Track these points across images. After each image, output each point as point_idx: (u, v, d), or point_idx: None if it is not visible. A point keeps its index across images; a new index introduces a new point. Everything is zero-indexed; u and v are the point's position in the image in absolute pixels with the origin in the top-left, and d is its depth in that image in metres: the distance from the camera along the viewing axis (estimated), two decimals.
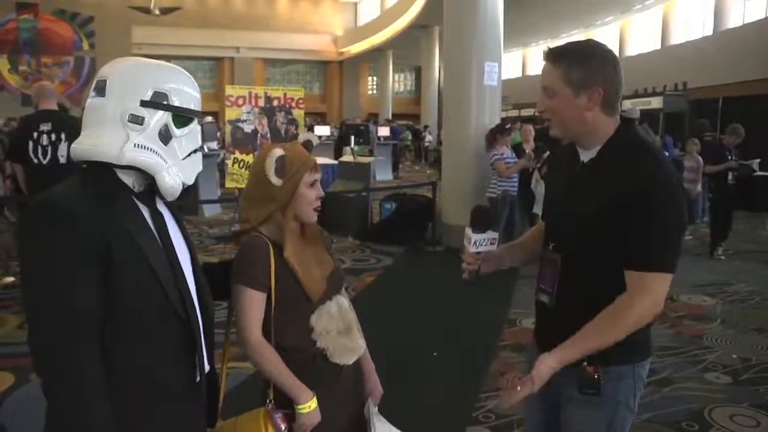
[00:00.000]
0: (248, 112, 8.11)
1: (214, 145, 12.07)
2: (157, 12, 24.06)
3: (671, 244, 1.67)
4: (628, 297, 1.65)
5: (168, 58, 33.11)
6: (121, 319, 1.40)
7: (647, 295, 1.64)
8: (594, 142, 1.77)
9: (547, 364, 1.65)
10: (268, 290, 1.83)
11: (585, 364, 1.70)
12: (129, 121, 1.42)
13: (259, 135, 8.11)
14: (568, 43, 1.80)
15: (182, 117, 1.49)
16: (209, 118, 18.87)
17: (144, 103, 1.43)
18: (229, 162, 8.09)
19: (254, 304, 1.82)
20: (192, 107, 1.52)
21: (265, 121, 8.14)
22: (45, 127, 4.97)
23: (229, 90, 8.37)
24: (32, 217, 1.37)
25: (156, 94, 1.44)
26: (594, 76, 1.70)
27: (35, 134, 4.97)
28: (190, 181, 1.54)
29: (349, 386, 1.99)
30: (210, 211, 10.94)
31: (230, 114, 8.12)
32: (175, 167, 1.48)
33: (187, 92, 1.51)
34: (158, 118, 1.45)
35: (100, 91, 1.45)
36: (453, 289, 5.62)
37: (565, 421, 1.84)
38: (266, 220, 1.90)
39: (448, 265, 2.05)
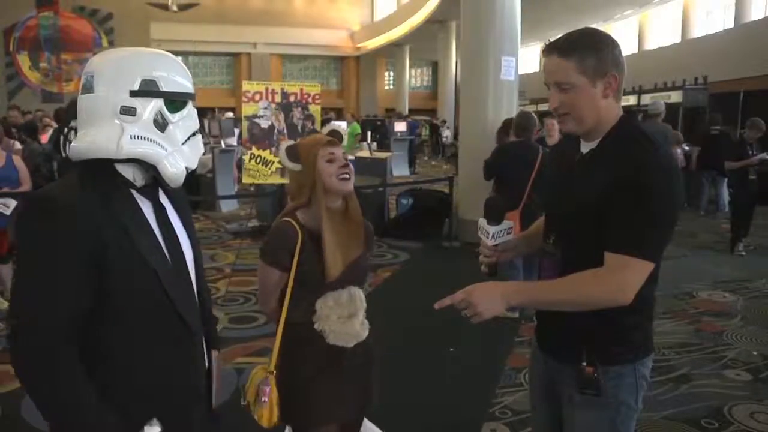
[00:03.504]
0: (265, 108, 8.10)
1: (232, 140, 12.11)
2: (175, 8, 24.11)
3: (655, 232, 1.62)
4: (599, 272, 1.62)
5: (186, 54, 33.41)
6: (118, 316, 1.39)
7: (615, 277, 1.60)
8: (599, 133, 1.73)
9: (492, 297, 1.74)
10: (288, 270, 2.04)
11: (584, 364, 1.67)
12: (121, 113, 1.41)
13: (275, 131, 8.11)
14: (567, 35, 1.72)
15: (175, 102, 1.47)
16: (230, 114, 18.92)
17: (134, 93, 1.41)
18: (246, 158, 8.11)
19: (272, 280, 2.10)
20: (183, 91, 1.49)
21: (281, 116, 8.12)
22: (75, 123, 5.03)
23: (246, 86, 8.37)
24: (24, 211, 1.37)
25: (144, 82, 1.42)
26: (607, 62, 1.67)
27: (66, 129, 5.03)
28: (194, 165, 1.53)
29: (355, 368, 2.14)
30: (227, 206, 11.02)
31: (247, 110, 8.12)
32: (176, 153, 1.47)
33: (176, 76, 1.48)
34: (151, 106, 1.43)
35: (89, 87, 1.43)
36: (470, 285, 5.58)
37: (568, 422, 1.80)
38: (305, 206, 2.10)
39: (465, 260, 2.04)
